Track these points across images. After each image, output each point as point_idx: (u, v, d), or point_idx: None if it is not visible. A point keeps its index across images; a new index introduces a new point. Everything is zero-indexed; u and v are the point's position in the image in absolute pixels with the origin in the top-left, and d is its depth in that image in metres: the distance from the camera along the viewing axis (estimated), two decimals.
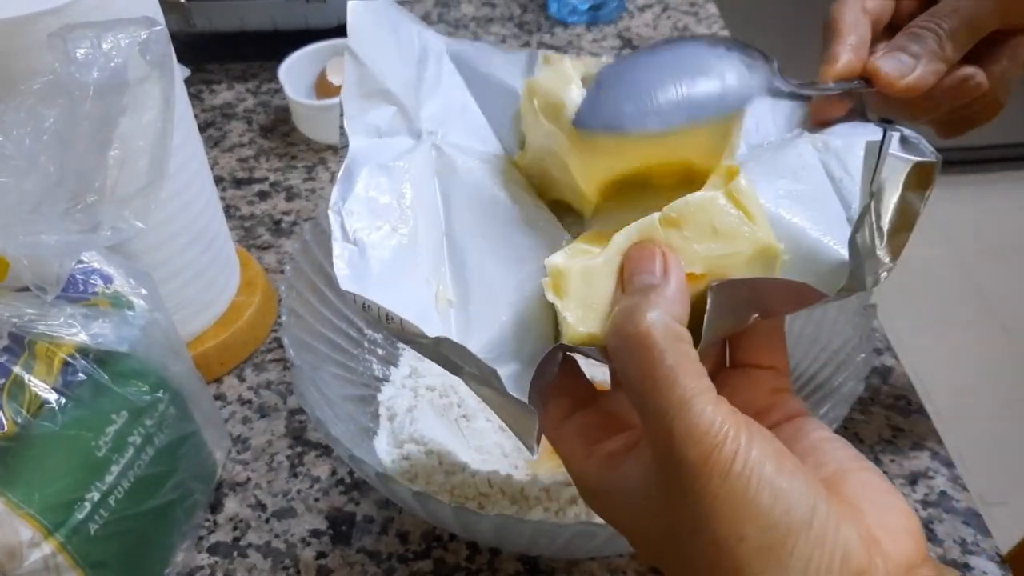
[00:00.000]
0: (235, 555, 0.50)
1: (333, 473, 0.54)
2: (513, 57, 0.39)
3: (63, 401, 0.41)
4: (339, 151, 0.34)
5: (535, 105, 0.37)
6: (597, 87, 0.34)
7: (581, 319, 0.31)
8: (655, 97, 0.34)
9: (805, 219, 0.33)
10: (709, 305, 0.30)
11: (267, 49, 0.87)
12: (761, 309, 0.32)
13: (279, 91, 0.83)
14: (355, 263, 0.34)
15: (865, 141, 0.34)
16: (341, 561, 0.49)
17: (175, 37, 0.47)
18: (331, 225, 0.34)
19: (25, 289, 0.41)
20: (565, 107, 0.35)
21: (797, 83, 0.37)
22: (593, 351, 0.30)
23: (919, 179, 0.32)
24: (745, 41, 0.36)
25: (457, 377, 0.33)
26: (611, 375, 0.35)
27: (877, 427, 0.54)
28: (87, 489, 0.41)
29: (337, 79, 0.78)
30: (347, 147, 0.36)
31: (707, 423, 0.26)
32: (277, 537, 0.51)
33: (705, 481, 0.26)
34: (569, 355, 0.32)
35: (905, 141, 0.33)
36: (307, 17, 0.85)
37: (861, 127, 0.37)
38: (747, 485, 0.26)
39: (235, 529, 0.51)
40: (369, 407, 0.53)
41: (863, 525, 0.27)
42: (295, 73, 0.79)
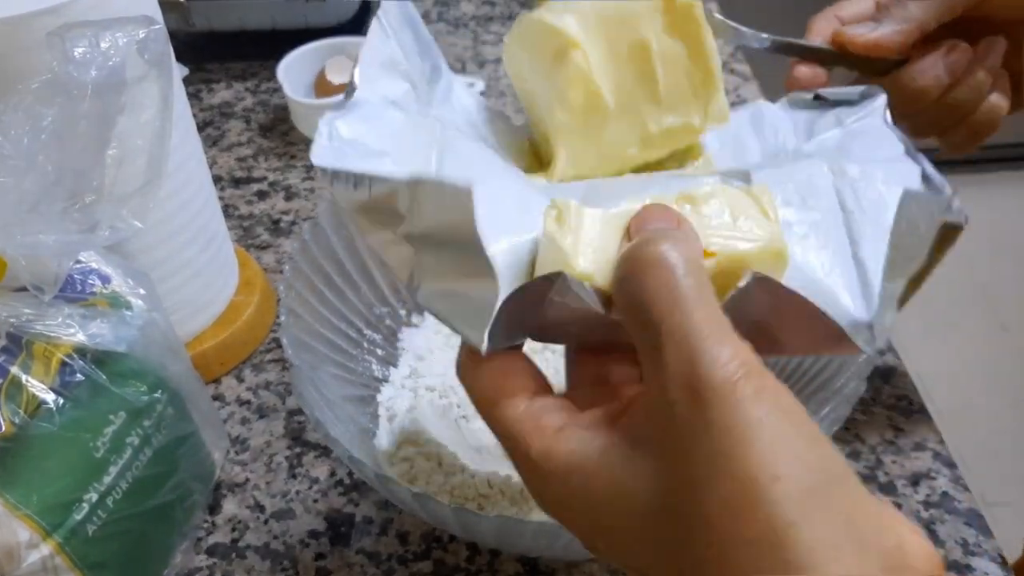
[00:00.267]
0: (234, 556, 0.50)
1: (332, 474, 0.53)
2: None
3: (61, 401, 0.40)
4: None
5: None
6: None
7: (580, 253, 0.28)
8: None
9: (813, 255, 0.32)
10: (738, 291, 0.27)
11: (266, 48, 0.87)
12: (767, 333, 0.29)
13: (278, 90, 0.83)
14: (335, 138, 0.32)
15: (898, 189, 0.32)
16: (340, 562, 0.49)
17: (174, 36, 0.47)
18: (319, 132, 0.32)
19: (23, 289, 0.41)
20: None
21: (771, 40, 0.42)
22: (588, 292, 0.28)
23: (944, 240, 0.31)
24: None
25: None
26: (568, 367, 0.32)
27: (879, 427, 0.54)
28: (85, 490, 0.41)
29: (336, 78, 0.78)
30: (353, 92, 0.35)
31: (737, 345, 0.24)
32: (276, 538, 0.50)
33: (733, 408, 0.23)
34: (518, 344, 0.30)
35: (928, 181, 0.33)
36: (306, 16, 0.85)
37: (880, 143, 0.36)
38: (783, 418, 0.23)
39: (234, 530, 0.51)
40: (368, 408, 0.52)
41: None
42: (294, 72, 0.79)
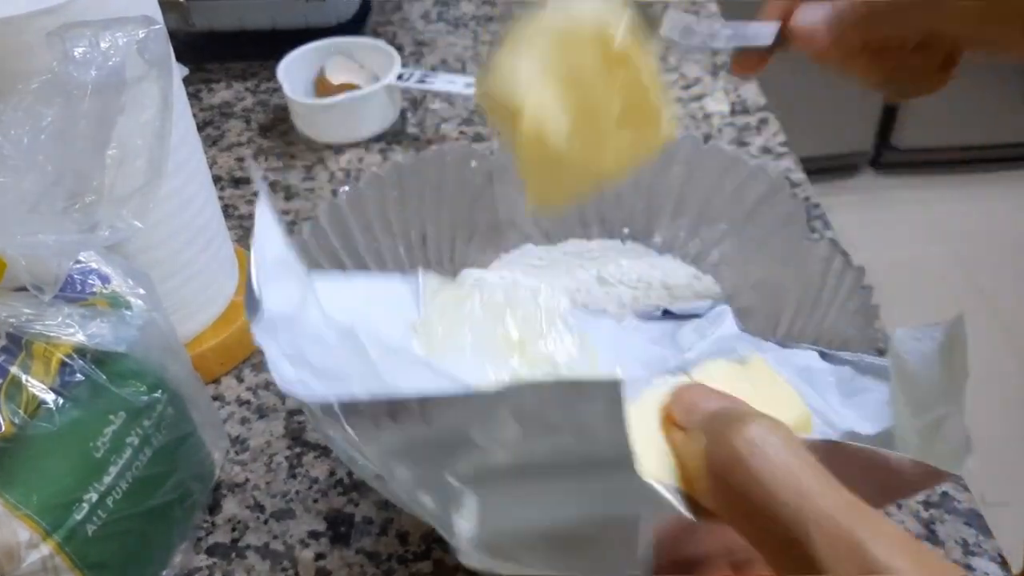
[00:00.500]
0: (233, 556, 0.50)
1: (332, 474, 0.53)
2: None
3: (61, 401, 0.40)
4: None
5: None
6: None
7: (642, 453, 0.24)
8: None
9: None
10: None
11: (266, 48, 0.87)
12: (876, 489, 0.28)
13: (278, 90, 0.83)
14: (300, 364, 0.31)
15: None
16: (340, 562, 0.49)
17: (174, 36, 0.47)
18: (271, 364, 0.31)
19: (23, 289, 0.41)
20: None
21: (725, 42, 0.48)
22: (676, 497, 0.25)
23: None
24: None
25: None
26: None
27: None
28: (85, 490, 0.41)
29: (336, 78, 0.78)
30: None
31: (888, 523, 0.22)
32: (276, 538, 0.50)
33: None
34: None
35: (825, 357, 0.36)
36: (306, 16, 0.85)
37: (744, 342, 0.40)
38: None
39: (233, 530, 0.51)
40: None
41: None
42: (294, 72, 0.79)
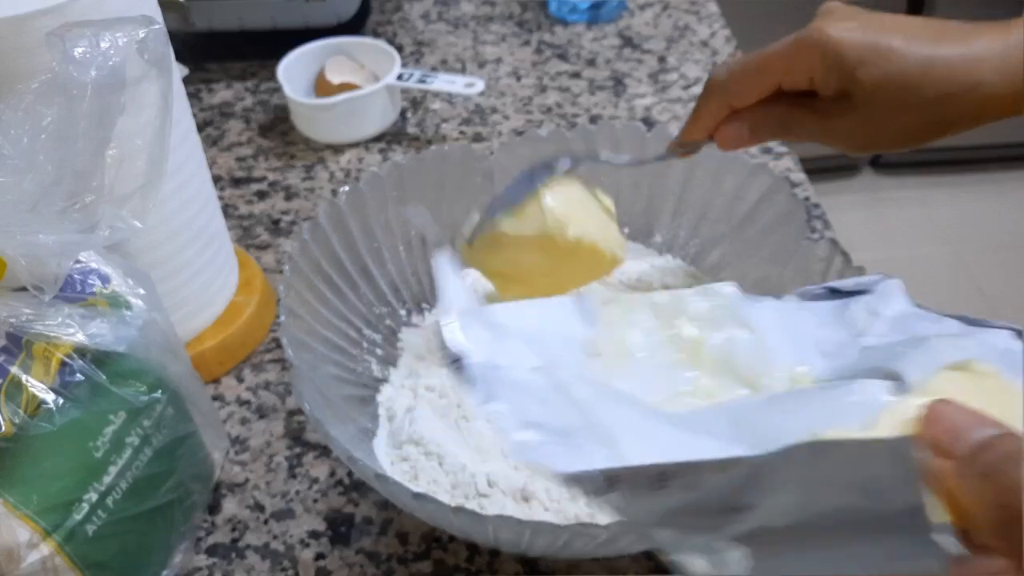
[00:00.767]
0: (233, 556, 0.50)
1: (332, 474, 0.53)
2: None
3: (61, 402, 0.40)
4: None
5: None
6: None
7: None
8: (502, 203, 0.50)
9: None
10: None
11: (266, 48, 0.87)
12: None
13: (278, 90, 0.83)
14: (535, 428, 0.31)
15: None
16: (340, 562, 0.49)
17: (173, 36, 0.47)
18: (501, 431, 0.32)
19: (23, 289, 0.41)
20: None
21: (629, 159, 0.53)
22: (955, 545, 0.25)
23: None
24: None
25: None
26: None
27: None
28: (85, 490, 0.41)
29: (336, 78, 0.78)
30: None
31: None
32: (276, 538, 0.50)
33: None
34: None
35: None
36: (306, 16, 0.84)
37: (939, 324, 0.36)
38: None
39: (233, 530, 0.51)
40: (368, 407, 0.52)
41: None
42: (294, 72, 0.79)
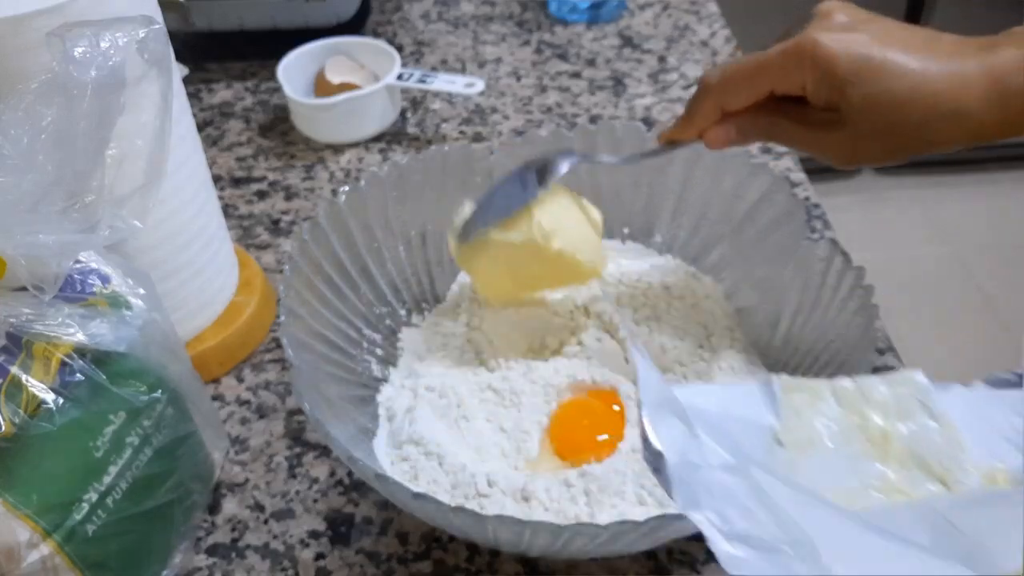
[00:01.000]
0: (233, 556, 0.50)
1: (332, 474, 0.53)
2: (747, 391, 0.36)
3: (61, 401, 0.40)
4: None
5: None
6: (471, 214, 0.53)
7: None
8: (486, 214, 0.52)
9: None
10: None
11: (266, 48, 0.87)
12: None
13: (278, 90, 0.83)
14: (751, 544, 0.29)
15: None
16: (340, 562, 0.49)
17: (173, 36, 0.47)
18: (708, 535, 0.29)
19: (23, 289, 0.41)
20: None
21: (624, 157, 0.53)
22: None
23: None
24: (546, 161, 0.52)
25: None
26: None
27: None
28: (85, 490, 0.41)
29: (336, 78, 0.78)
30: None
31: None
32: (276, 538, 0.50)
33: None
34: None
35: None
36: (306, 16, 0.84)
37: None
38: None
39: (233, 530, 0.51)
40: (368, 407, 0.52)
41: None
42: (294, 72, 0.79)
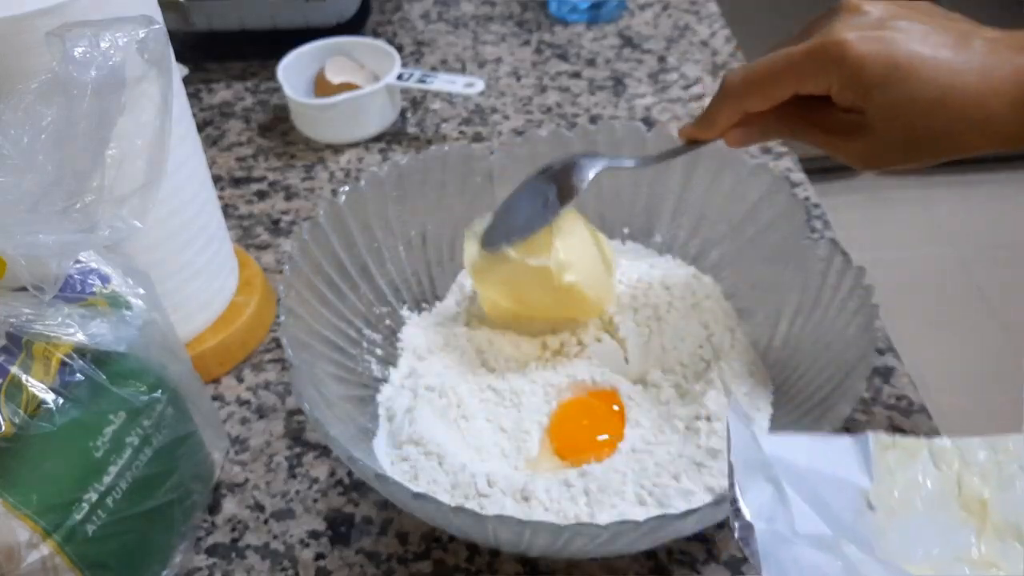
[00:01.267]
0: (233, 556, 0.50)
1: (332, 474, 0.53)
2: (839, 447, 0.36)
3: (60, 401, 0.40)
4: None
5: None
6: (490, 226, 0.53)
7: None
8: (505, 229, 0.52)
9: None
10: None
11: (266, 48, 0.87)
12: None
13: (278, 90, 0.83)
14: None
15: None
16: (340, 562, 0.49)
17: (173, 36, 0.47)
18: None
19: (23, 289, 0.41)
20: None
21: (638, 159, 0.51)
22: None
23: None
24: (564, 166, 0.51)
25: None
26: None
27: (879, 427, 0.54)
28: (85, 490, 0.41)
29: (336, 78, 0.78)
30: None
31: None
32: (276, 538, 0.50)
33: None
34: None
35: None
36: (306, 16, 0.84)
37: None
38: None
39: (233, 530, 0.51)
40: (368, 407, 0.52)
41: None
42: (294, 72, 0.79)
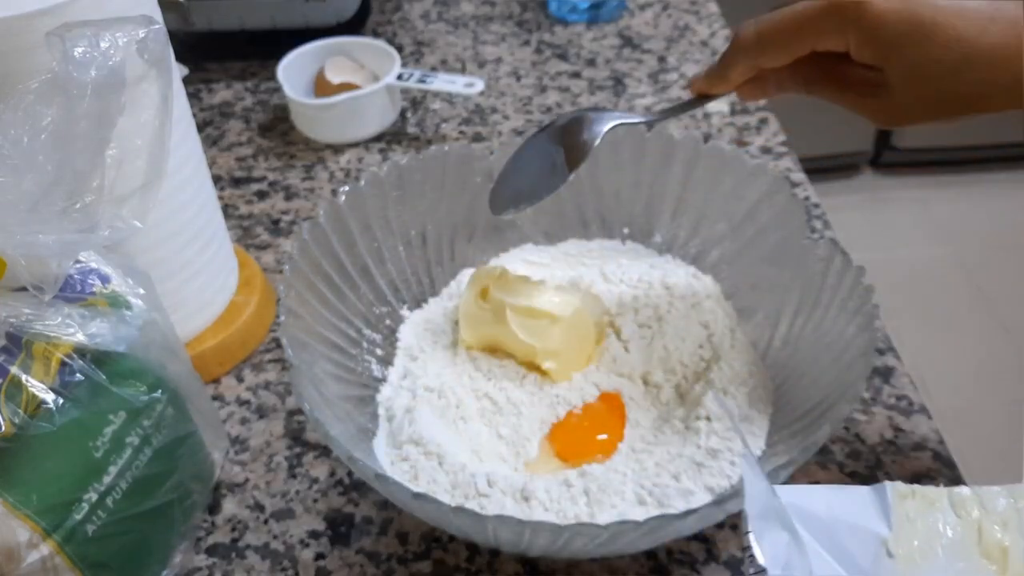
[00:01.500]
0: (233, 556, 0.50)
1: (332, 474, 0.53)
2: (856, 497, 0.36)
3: (60, 402, 0.40)
4: None
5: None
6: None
7: None
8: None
9: None
10: None
11: (266, 48, 0.87)
12: None
13: (278, 90, 0.83)
14: None
15: None
16: (340, 562, 0.49)
17: (173, 36, 0.47)
18: None
19: (23, 289, 0.41)
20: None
21: (655, 114, 0.50)
22: None
23: None
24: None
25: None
26: None
27: (879, 427, 0.54)
28: (85, 490, 0.41)
29: (336, 78, 0.78)
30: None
31: None
32: (276, 538, 0.50)
33: None
34: None
35: None
36: (306, 16, 0.84)
37: None
38: None
39: (233, 530, 0.51)
40: (368, 407, 0.52)
41: None
42: (294, 72, 0.79)
